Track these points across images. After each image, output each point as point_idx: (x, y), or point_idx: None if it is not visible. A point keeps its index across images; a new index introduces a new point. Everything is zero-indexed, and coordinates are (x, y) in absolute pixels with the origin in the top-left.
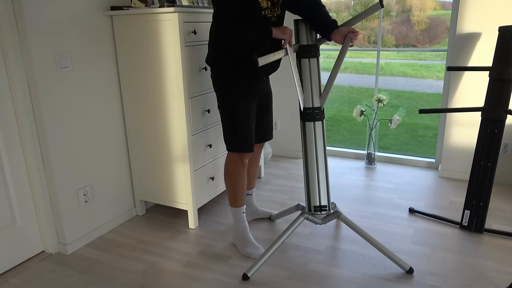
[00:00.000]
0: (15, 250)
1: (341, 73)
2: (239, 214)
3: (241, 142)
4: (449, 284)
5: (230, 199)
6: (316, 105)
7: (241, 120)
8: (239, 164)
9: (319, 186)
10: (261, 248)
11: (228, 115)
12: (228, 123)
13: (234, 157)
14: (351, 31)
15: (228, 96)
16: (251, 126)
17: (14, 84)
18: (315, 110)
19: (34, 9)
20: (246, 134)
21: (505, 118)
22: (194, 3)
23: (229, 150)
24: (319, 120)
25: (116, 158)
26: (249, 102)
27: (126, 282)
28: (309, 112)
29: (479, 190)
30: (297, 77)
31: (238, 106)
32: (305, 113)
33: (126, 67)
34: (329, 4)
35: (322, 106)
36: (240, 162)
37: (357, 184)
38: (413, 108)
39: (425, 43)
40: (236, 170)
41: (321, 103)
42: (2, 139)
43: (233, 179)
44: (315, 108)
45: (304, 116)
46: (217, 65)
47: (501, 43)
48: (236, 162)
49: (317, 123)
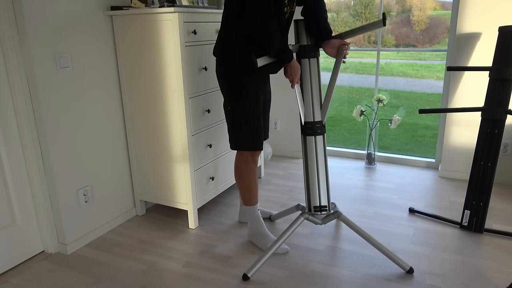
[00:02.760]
0: (15, 250)
1: (341, 73)
2: (255, 212)
3: (253, 140)
4: (449, 284)
5: (244, 198)
6: (317, 119)
7: (253, 119)
8: (250, 163)
9: (319, 186)
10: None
11: (239, 114)
12: (239, 122)
13: (246, 156)
14: (342, 43)
15: (240, 96)
16: (261, 124)
17: (14, 84)
18: (316, 124)
19: (34, 9)
20: (258, 133)
21: (505, 118)
22: (194, 3)
23: (240, 149)
24: (320, 134)
25: (116, 158)
26: (259, 100)
27: (126, 282)
28: (309, 126)
29: (479, 190)
30: (300, 97)
31: (251, 105)
32: (306, 127)
33: (126, 67)
34: (329, 4)
35: (323, 121)
36: (252, 161)
37: (357, 184)
38: (413, 108)
39: (425, 43)
40: (248, 169)
41: (322, 118)
42: (2, 139)
43: (246, 178)
44: (316, 122)
45: (305, 130)
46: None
47: (501, 43)
48: (248, 161)
49: (318, 137)
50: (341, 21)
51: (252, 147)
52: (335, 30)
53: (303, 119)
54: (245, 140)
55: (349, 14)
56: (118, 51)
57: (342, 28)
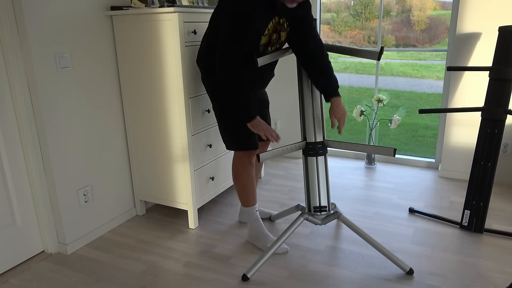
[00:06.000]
0: (15, 250)
1: (341, 73)
2: (253, 213)
3: (247, 140)
4: (449, 284)
5: (242, 199)
6: (319, 140)
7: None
8: (247, 164)
9: (319, 186)
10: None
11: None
12: (231, 124)
13: (242, 156)
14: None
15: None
16: None
17: (14, 84)
18: (317, 145)
19: (34, 9)
20: (250, 132)
21: (505, 118)
22: (194, 3)
23: (236, 150)
24: (322, 155)
25: (116, 158)
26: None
27: (126, 282)
28: (311, 147)
29: (479, 190)
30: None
31: None
32: (307, 148)
33: (126, 67)
34: (329, 4)
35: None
36: (248, 162)
37: (357, 184)
38: (413, 108)
39: (425, 43)
40: (245, 170)
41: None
42: (2, 139)
43: (243, 179)
44: (317, 142)
45: (306, 151)
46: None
47: (501, 43)
48: (244, 162)
49: (319, 158)
50: (341, 21)
51: (248, 146)
52: (335, 30)
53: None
54: (240, 141)
55: (349, 14)
56: (118, 51)
57: (342, 27)
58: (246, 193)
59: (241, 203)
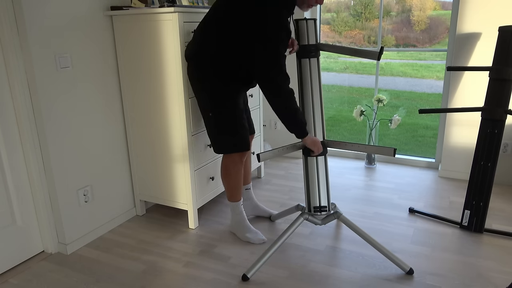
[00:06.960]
0: (15, 250)
1: (341, 73)
2: (238, 207)
3: (241, 142)
4: (449, 284)
5: (229, 195)
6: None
7: (239, 122)
8: (238, 162)
9: (319, 186)
10: (260, 233)
11: (225, 121)
12: (225, 129)
13: (234, 158)
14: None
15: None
16: (246, 125)
17: (14, 84)
18: None
19: (34, 9)
20: (245, 135)
21: (505, 118)
22: (194, 3)
23: (228, 153)
24: (322, 155)
25: (116, 158)
26: (241, 102)
27: (126, 282)
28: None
29: (479, 190)
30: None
31: (235, 112)
32: (308, 148)
33: (126, 67)
34: (329, 4)
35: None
36: (239, 161)
37: (357, 184)
38: (413, 108)
39: (425, 43)
40: (235, 169)
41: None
42: (2, 139)
43: (233, 177)
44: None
45: (306, 151)
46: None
47: (501, 43)
48: (236, 161)
49: (319, 158)
50: (341, 21)
51: (242, 148)
52: (335, 30)
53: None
54: (234, 143)
55: (349, 14)
56: (118, 51)
57: (342, 27)
58: (236, 189)
59: (228, 198)
